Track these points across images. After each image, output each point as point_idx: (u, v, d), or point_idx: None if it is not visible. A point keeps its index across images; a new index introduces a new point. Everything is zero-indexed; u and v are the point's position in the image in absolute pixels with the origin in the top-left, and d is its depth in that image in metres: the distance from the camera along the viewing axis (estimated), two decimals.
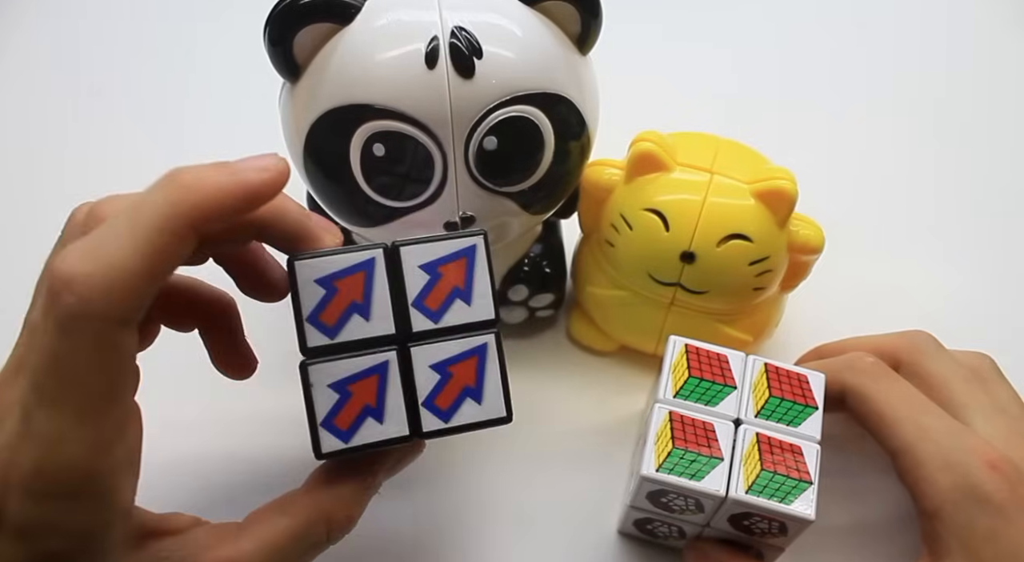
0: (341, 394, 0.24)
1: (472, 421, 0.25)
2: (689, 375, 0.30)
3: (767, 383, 0.30)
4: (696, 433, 0.29)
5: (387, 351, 0.24)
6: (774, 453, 0.28)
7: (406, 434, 0.24)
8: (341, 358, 0.24)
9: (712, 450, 0.28)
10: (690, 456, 0.28)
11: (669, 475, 0.28)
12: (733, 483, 0.28)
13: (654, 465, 0.28)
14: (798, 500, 0.27)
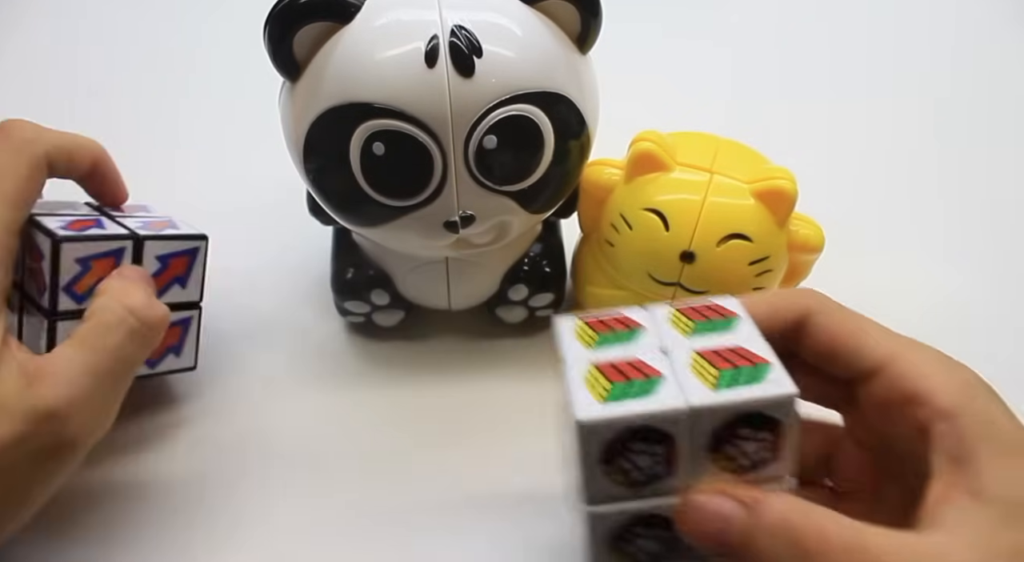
0: None
1: (169, 369, 0.35)
2: (597, 334, 0.26)
3: (685, 317, 0.26)
4: (628, 368, 0.24)
5: None
6: (723, 355, 0.24)
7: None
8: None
9: (651, 373, 0.24)
10: (633, 385, 0.23)
11: (616, 405, 0.22)
12: (692, 392, 0.23)
13: (594, 405, 0.22)
14: (767, 381, 0.23)
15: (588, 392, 0.23)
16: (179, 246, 0.34)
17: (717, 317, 0.26)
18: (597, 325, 0.26)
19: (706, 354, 0.24)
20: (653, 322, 0.26)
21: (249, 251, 0.43)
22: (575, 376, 0.24)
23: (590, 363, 0.24)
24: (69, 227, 0.31)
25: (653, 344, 0.25)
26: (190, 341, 0.36)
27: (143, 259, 0.33)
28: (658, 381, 0.23)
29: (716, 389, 0.23)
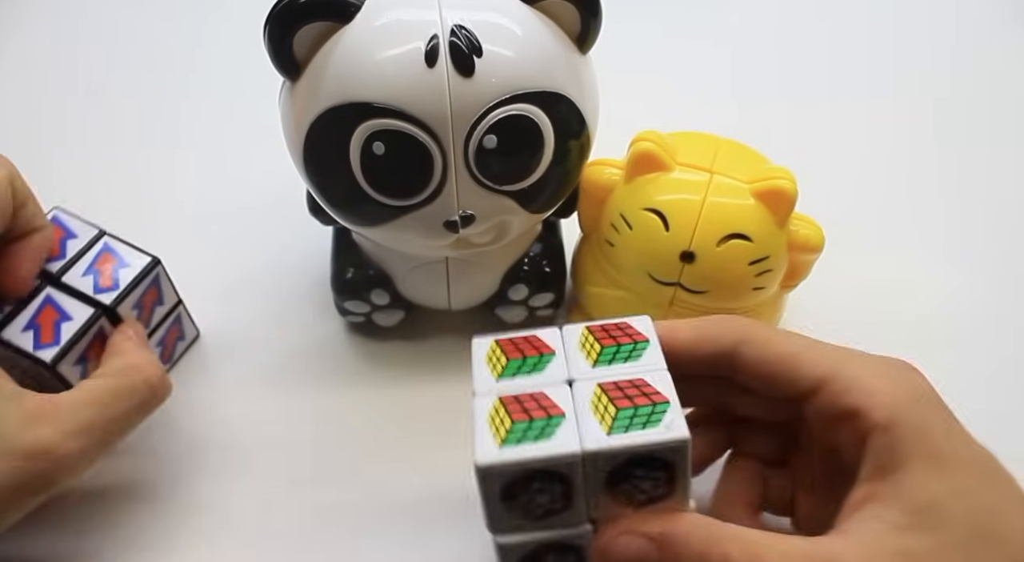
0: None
1: (182, 352, 0.39)
2: (508, 359, 0.26)
3: (594, 338, 0.27)
4: (532, 404, 0.25)
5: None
6: (624, 390, 0.24)
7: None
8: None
9: (553, 412, 0.24)
10: (533, 426, 0.24)
11: (514, 449, 0.23)
12: (587, 434, 0.23)
13: (494, 447, 0.23)
14: (663, 423, 0.23)
15: (490, 432, 0.24)
16: (143, 286, 0.35)
17: (627, 342, 0.26)
18: (509, 348, 0.27)
19: (608, 388, 0.25)
20: (563, 346, 0.27)
21: (249, 251, 0.43)
22: (480, 411, 0.25)
23: (497, 396, 0.25)
24: (41, 338, 0.32)
25: (559, 375, 0.26)
26: (187, 324, 0.39)
27: (122, 319, 0.34)
28: (558, 421, 0.24)
29: (611, 432, 0.23)
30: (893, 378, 0.25)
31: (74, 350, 0.32)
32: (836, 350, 0.26)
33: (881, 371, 0.25)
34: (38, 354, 0.32)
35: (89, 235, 0.35)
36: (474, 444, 0.24)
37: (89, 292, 0.33)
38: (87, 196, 0.38)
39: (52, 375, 0.32)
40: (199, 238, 0.43)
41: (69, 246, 0.34)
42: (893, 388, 0.25)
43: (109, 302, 0.33)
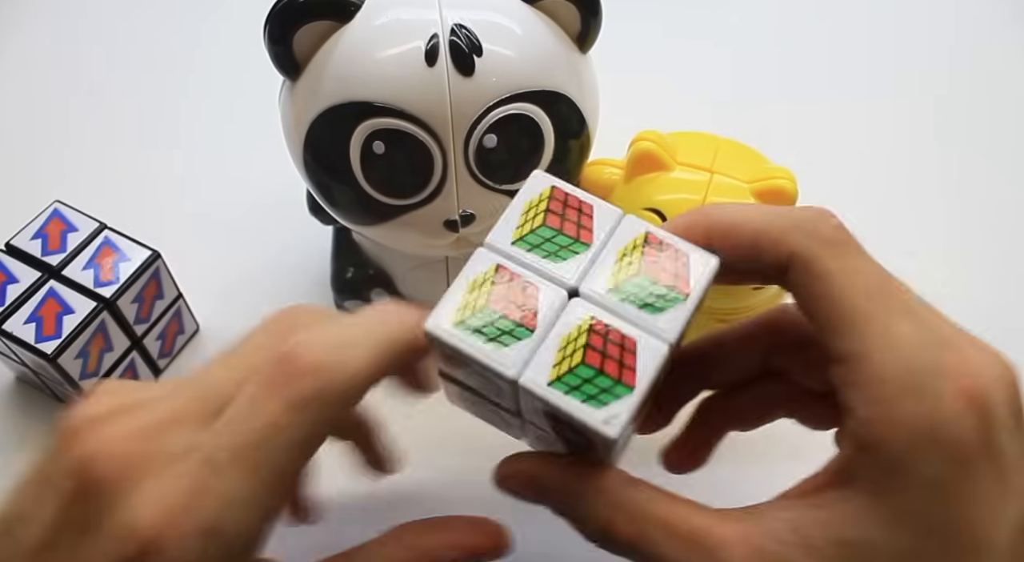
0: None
1: (182, 345, 0.40)
2: (543, 223, 0.22)
3: (639, 254, 0.22)
4: (511, 303, 0.21)
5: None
6: (606, 343, 0.21)
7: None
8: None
9: (526, 323, 0.21)
10: (497, 324, 0.21)
11: (463, 333, 0.21)
12: (534, 368, 0.21)
13: (450, 319, 0.21)
14: (605, 410, 0.20)
15: (458, 302, 0.21)
16: (143, 280, 0.35)
17: (666, 283, 0.22)
18: (554, 208, 0.23)
19: (596, 328, 0.21)
20: (604, 241, 0.22)
21: (249, 250, 0.43)
22: (470, 270, 0.22)
23: (494, 263, 0.22)
24: (43, 331, 0.32)
25: (570, 276, 0.22)
26: (186, 318, 0.39)
27: (122, 312, 0.34)
28: (522, 335, 0.21)
29: (554, 382, 0.20)
30: (924, 392, 0.19)
31: (75, 343, 0.32)
32: (902, 321, 0.20)
33: (922, 381, 0.19)
34: (40, 346, 0.32)
35: (90, 229, 0.35)
36: (437, 303, 0.21)
37: (90, 285, 0.33)
38: (88, 196, 0.38)
39: (54, 368, 0.32)
40: (199, 237, 0.43)
41: (70, 239, 0.34)
42: (911, 410, 0.19)
43: (109, 295, 0.33)
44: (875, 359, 0.20)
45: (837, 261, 0.21)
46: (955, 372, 0.19)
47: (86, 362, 0.33)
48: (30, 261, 0.34)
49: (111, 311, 0.34)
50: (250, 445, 0.20)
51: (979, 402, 0.19)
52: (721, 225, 0.22)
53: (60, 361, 0.32)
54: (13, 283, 0.33)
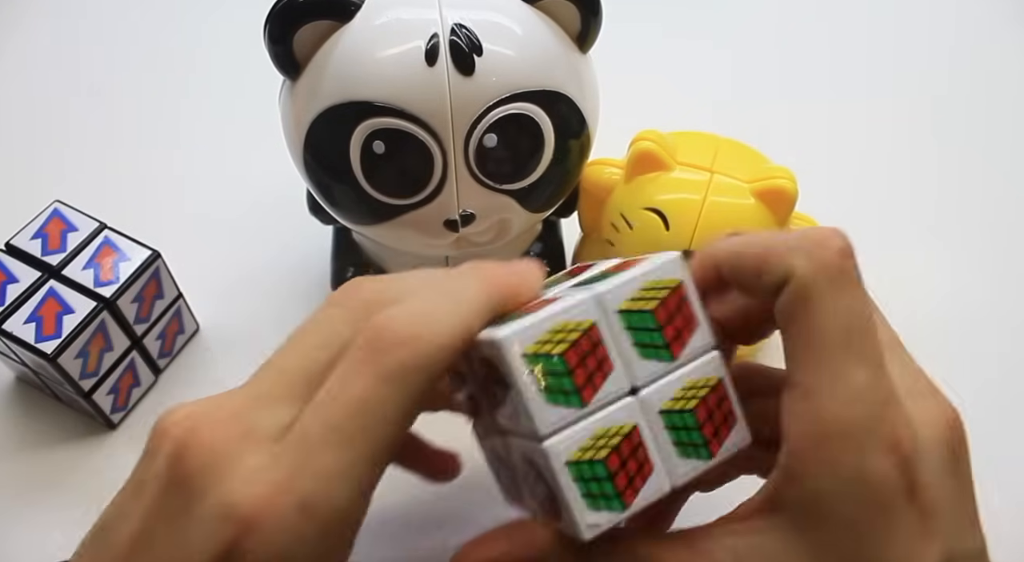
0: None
1: (183, 345, 0.40)
2: (653, 312, 0.22)
3: (703, 397, 0.22)
4: (592, 362, 0.21)
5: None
6: (630, 459, 0.21)
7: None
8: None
9: (585, 389, 0.21)
10: (563, 378, 0.21)
11: (524, 365, 0.20)
12: (566, 439, 0.21)
13: (524, 344, 0.20)
14: (597, 513, 0.21)
15: (542, 334, 0.21)
16: (143, 279, 0.35)
17: (704, 440, 0.22)
18: (665, 306, 0.22)
19: (628, 439, 0.21)
20: (687, 362, 0.22)
21: (249, 250, 0.43)
22: (563, 312, 0.21)
23: (592, 319, 0.21)
24: (43, 330, 0.32)
25: (644, 375, 0.22)
26: (186, 318, 0.39)
27: (122, 312, 0.34)
28: (573, 402, 0.21)
29: (568, 464, 0.21)
30: (853, 442, 0.20)
31: (75, 343, 0.32)
32: (861, 370, 0.21)
33: (855, 433, 0.20)
34: (40, 346, 0.32)
35: (90, 228, 0.35)
36: (520, 316, 0.21)
37: (90, 285, 0.33)
38: (88, 196, 0.38)
39: (54, 367, 0.32)
40: (199, 237, 0.43)
41: (70, 239, 0.34)
42: (836, 456, 0.20)
43: (109, 295, 0.33)
44: (820, 400, 0.21)
45: (825, 293, 0.21)
46: (889, 427, 0.20)
47: (86, 362, 0.33)
48: (30, 261, 0.34)
49: (111, 311, 0.34)
50: (345, 420, 0.20)
51: (904, 453, 0.20)
52: (727, 256, 0.23)
53: (60, 361, 0.32)
54: (13, 283, 0.33)
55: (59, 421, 0.37)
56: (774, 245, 0.22)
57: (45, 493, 0.35)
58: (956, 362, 0.39)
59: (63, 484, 0.35)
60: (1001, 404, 0.38)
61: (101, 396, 0.35)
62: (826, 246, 0.21)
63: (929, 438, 0.21)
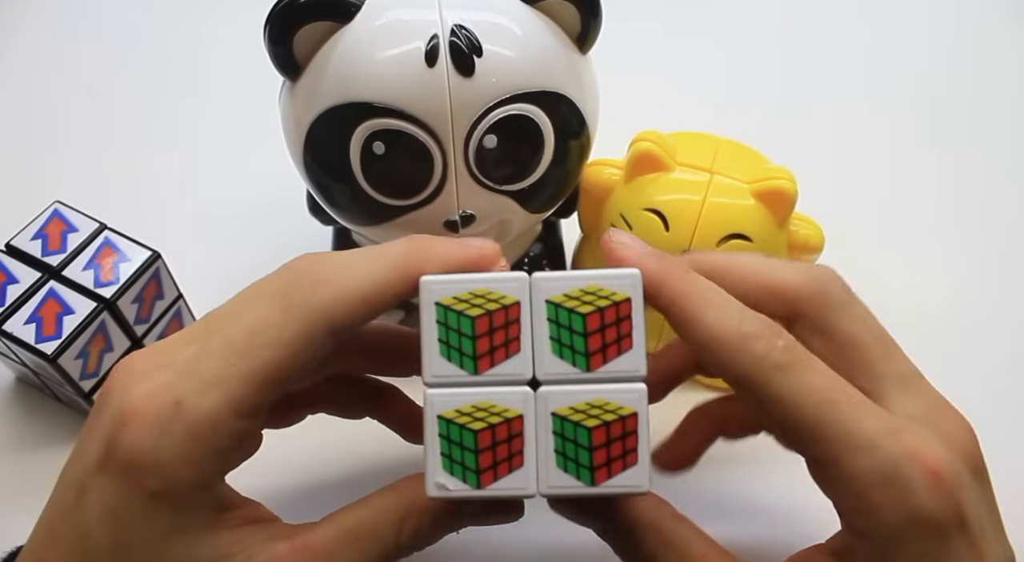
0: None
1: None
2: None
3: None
4: (499, 334, 0.22)
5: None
6: (500, 442, 0.21)
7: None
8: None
9: (482, 359, 0.22)
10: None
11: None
12: (447, 394, 0.21)
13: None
14: (446, 475, 0.21)
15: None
16: (143, 280, 0.35)
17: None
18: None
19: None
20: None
21: (249, 250, 0.43)
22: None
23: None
24: (43, 331, 0.32)
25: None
26: (187, 319, 0.39)
27: (123, 312, 0.34)
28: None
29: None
30: (896, 481, 0.21)
31: (76, 343, 0.32)
32: (860, 420, 0.22)
33: (892, 472, 0.21)
34: (40, 347, 0.32)
35: (90, 229, 0.35)
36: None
37: (90, 286, 0.33)
38: (88, 196, 0.38)
39: (54, 368, 0.32)
40: (200, 237, 0.43)
41: (70, 240, 0.34)
42: (888, 499, 0.21)
43: (110, 296, 0.33)
44: (843, 463, 0.21)
45: (783, 384, 0.22)
46: (916, 454, 0.21)
47: (86, 362, 0.33)
48: (30, 261, 0.34)
49: (111, 311, 0.34)
50: (238, 336, 0.21)
51: (945, 477, 0.21)
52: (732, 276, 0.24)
53: (60, 361, 0.32)
54: (13, 283, 0.33)
55: (59, 421, 0.37)
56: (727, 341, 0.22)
57: (45, 493, 0.34)
58: (957, 362, 0.39)
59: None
60: (1002, 404, 0.38)
61: None
62: (768, 340, 0.22)
63: (959, 458, 0.22)
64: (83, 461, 0.22)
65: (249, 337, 0.21)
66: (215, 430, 0.21)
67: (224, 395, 0.21)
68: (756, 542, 0.33)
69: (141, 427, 0.20)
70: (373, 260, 0.23)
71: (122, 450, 0.20)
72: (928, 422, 0.22)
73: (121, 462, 0.21)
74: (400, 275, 0.23)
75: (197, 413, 0.21)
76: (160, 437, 0.20)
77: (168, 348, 0.22)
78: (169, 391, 0.21)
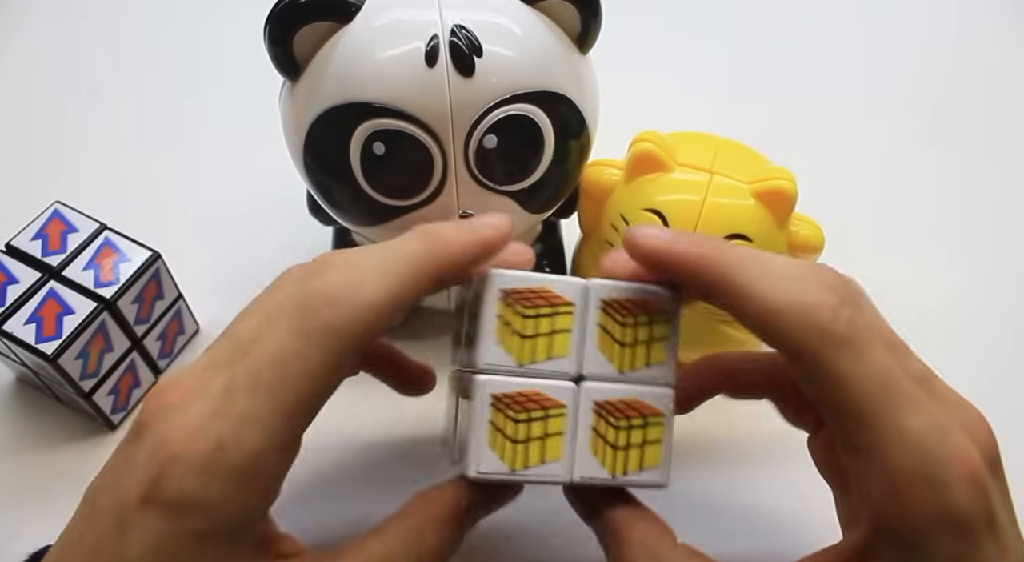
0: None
1: (183, 346, 0.40)
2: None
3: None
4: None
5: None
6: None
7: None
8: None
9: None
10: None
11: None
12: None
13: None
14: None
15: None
16: (143, 280, 0.35)
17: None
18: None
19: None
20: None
21: (249, 250, 0.43)
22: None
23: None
24: (43, 331, 0.32)
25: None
26: (187, 319, 0.39)
27: (123, 313, 0.34)
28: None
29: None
30: (935, 482, 0.21)
31: (76, 343, 0.32)
32: (908, 416, 0.21)
33: (932, 472, 0.21)
34: (40, 347, 0.32)
35: (90, 229, 0.35)
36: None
37: (90, 286, 0.33)
38: (88, 196, 0.38)
39: (54, 368, 0.32)
40: (200, 238, 0.43)
41: (70, 240, 0.34)
42: (925, 499, 0.21)
43: (110, 296, 0.33)
44: (890, 455, 0.21)
45: (845, 362, 0.21)
46: (958, 458, 0.21)
47: (86, 363, 0.33)
48: (30, 262, 0.34)
49: (111, 312, 0.34)
50: (265, 371, 0.21)
51: (979, 481, 0.21)
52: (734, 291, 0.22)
53: (60, 362, 0.32)
54: (13, 284, 0.33)
55: (59, 421, 0.37)
56: (780, 306, 0.21)
57: (45, 493, 0.35)
58: (956, 361, 0.39)
59: (63, 484, 0.35)
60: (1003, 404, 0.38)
61: (101, 397, 0.35)
62: (835, 316, 0.21)
63: (985, 462, 0.21)
64: (121, 494, 0.21)
65: (275, 369, 0.21)
66: (259, 469, 0.21)
67: (263, 433, 0.21)
68: (756, 549, 0.33)
69: (185, 469, 0.20)
70: (387, 267, 0.22)
71: (167, 491, 0.20)
72: (956, 420, 0.22)
73: (166, 503, 0.20)
74: (415, 278, 0.22)
75: (240, 454, 0.21)
76: (205, 480, 0.20)
77: (198, 374, 0.22)
78: (208, 431, 0.21)
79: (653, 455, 0.24)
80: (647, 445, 0.24)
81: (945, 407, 0.22)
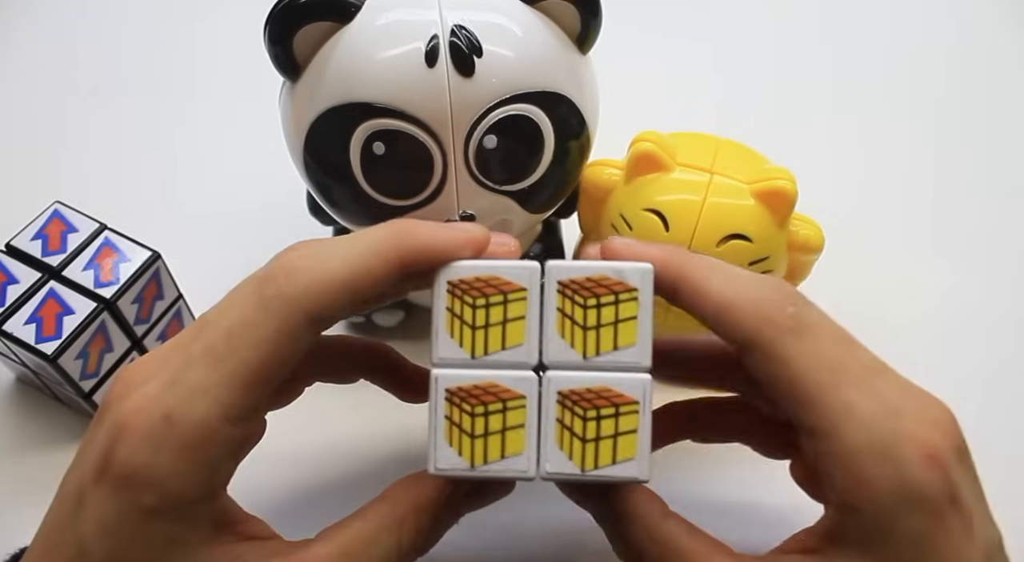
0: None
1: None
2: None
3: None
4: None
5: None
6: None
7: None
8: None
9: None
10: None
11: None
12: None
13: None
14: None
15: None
16: (143, 280, 0.35)
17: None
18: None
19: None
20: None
21: (249, 251, 0.43)
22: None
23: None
24: (43, 331, 0.32)
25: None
26: (187, 319, 0.39)
27: (123, 313, 0.34)
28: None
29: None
30: (891, 459, 0.21)
31: (76, 343, 0.32)
32: (857, 393, 0.22)
33: (887, 450, 0.21)
34: (40, 347, 0.32)
35: (90, 229, 0.35)
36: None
37: (90, 286, 0.33)
38: (88, 196, 0.38)
39: (54, 368, 0.32)
40: (200, 238, 0.43)
41: (70, 240, 0.34)
42: (882, 475, 0.21)
43: (110, 296, 0.33)
44: (841, 434, 0.21)
45: (795, 346, 0.22)
46: (914, 436, 0.21)
47: (86, 363, 0.33)
48: (30, 262, 0.34)
49: (111, 312, 0.34)
50: (218, 340, 0.21)
51: (939, 458, 0.21)
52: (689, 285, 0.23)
53: (60, 362, 0.32)
54: (13, 284, 0.33)
55: (59, 421, 0.37)
56: (730, 302, 0.22)
57: (45, 494, 0.34)
58: (955, 362, 0.39)
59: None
60: (1000, 403, 0.38)
61: (101, 397, 0.35)
62: (779, 309, 0.22)
63: (946, 440, 0.22)
64: (81, 472, 0.21)
65: (228, 339, 0.21)
66: (208, 441, 0.21)
67: (212, 403, 0.21)
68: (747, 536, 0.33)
69: (134, 442, 0.20)
70: (353, 245, 0.22)
71: (117, 465, 0.20)
72: (914, 405, 0.22)
73: (116, 477, 0.20)
74: (380, 259, 0.22)
75: (188, 425, 0.20)
76: (153, 452, 0.20)
77: (163, 356, 0.22)
78: (158, 403, 0.21)
79: (628, 447, 0.22)
80: (620, 436, 0.22)
81: (900, 393, 0.22)
